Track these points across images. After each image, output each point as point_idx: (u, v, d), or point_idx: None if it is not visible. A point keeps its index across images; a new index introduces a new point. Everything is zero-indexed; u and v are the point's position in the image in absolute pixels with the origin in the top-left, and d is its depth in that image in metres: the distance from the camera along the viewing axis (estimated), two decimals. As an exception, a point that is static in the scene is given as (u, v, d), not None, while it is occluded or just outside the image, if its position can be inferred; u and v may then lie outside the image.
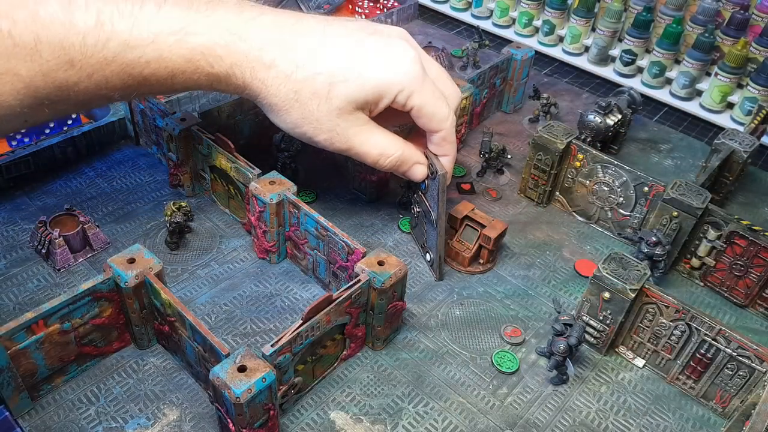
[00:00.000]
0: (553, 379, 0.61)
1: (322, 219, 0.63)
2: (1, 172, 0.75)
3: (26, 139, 0.85)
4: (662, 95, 1.11)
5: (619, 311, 0.60)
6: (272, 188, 0.65)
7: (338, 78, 0.57)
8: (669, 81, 1.12)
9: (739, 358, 0.56)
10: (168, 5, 0.53)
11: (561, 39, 1.23)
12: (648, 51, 1.13)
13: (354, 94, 0.58)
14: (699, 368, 0.59)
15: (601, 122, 0.82)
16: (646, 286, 0.59)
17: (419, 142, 0.68)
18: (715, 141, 0.80)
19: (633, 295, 0.58)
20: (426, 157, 0.67)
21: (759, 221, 0.81)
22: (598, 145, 0.84)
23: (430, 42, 1.13)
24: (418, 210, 0.71)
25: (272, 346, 0.50)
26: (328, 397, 0.58)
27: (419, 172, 0.67)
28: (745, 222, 0.66)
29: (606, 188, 0.77)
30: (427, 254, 0.71)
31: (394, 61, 0.59)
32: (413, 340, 0.64)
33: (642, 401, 0.60)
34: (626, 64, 1.13)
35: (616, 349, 0.65)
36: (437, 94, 0.62)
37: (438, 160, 0.66)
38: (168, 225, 0.69)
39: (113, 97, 0.53)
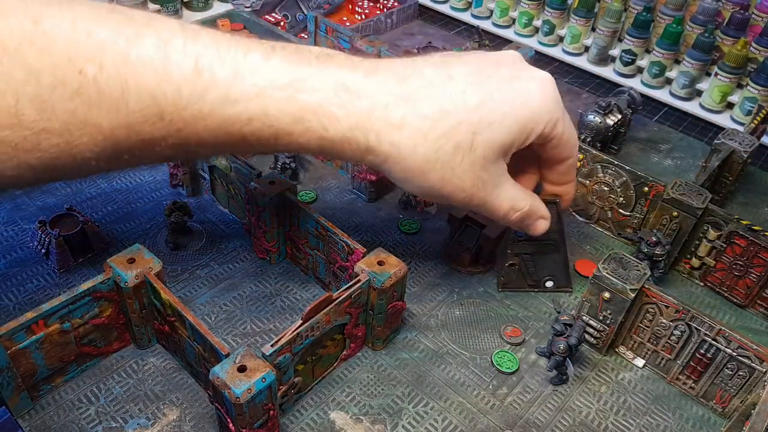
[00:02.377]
0: (553, 379, 0.61)
1: (322, 219, 0.63)
2: (1, 172, 0.75)
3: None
4: (662, 95, 1.11)
5: (619, 311, 0.60)
6: (272, 188, 0.65)
7: (482, 124, 0.49)
8: (669, 81, 1.12)
9: (739, 358, 0.56)
10: (277, 56, 0.45)
11: (561, 39, 1.23)
12: (648, 51, 1.13)
13: (500, 137, 0.50)
14: (699, 368, 0.59)
15: (601, 122, 0.82)
16: (646, 286, 0.59)
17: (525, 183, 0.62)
18: (715, 141, 0.80)
19: (633, 295, 0.58)
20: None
21: (759, 221, 0.81)
22: (598, 145, 0.84)
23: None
24: (519, 257, 0.68)
25: (272, 346, 0.50)
26: (328, 397, 0.58)
27: (542, 227, 0.60)
28: (745, 222, 0.66)
29: (606, 188, 0.77)
30: (548, 282, 0.69)
31: (536, 94, 0.52)
32: (413, 340, 0.64)
33: (642, 401, 0.60)
34: (626, 64, 1.13)
35: (616, 349, 0.65)
36: (570, 120, 0.56)
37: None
38: (168, 225, 0.69)
39: (201, 154, 0.47)
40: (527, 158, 0.60)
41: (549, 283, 0.69)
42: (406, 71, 0.49)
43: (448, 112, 0.48)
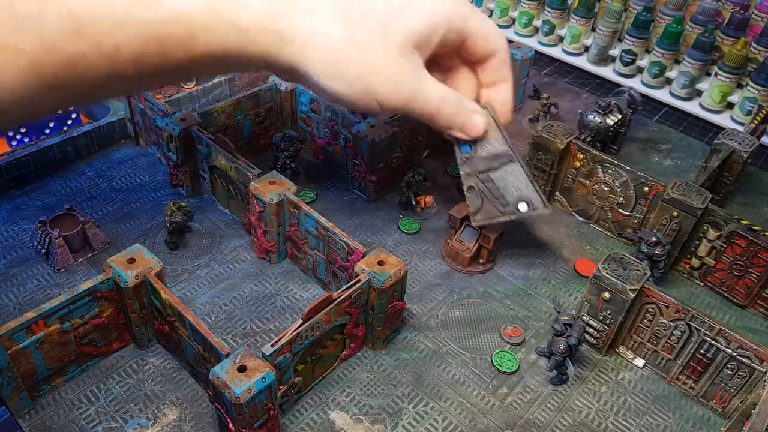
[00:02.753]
0: (553, 379, 0.61)
1: (322, 219, 0.63)
2: (1, 172, 0.75)
3: (26, 139, 0.85)
4: (662, 95, 1.11)
5: (619, 311, 0.60)
6: (272, 188, 0.65)
7: (393, 11, 0.51)
8: (669, 81, 1.12)
9: (739, 358, 0.56)
10: None
11: (561, 39, 1.23)
12: (648, 51, 1.13)
13: (411, 25, 0.51)
14: (699, 368, 0.59)
15: (601, 122, 0.82)
16: (646, 286, 0.59)
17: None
18: (715, 141, 0.80)
19: (633, 295, 0.58)
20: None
21: (759, 221, 0.81)
22: (598, 145, 0.84)
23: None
24: (474, 177, 0.63)
25: (272, 346, 0.50)
26: (328, 397, 0.58)
27: (479, 122, 0.59)
28: (745, 222, 0.66)
29: (606, 188, 0.77)
30: (521, 204, 0.63)
31: None
32: (413, 340, 0.64)
33: (642, 401, 0.60)
34: (626, 64, 1.13)
35: (616, 349, 0.65)
36: (486, 16, 0.58)
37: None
38: (168, 225, 0.69)
39: (126, 73, 0.46)
40: (460, 74, 0.60)
41: (522, 207, 0.62)
42: None
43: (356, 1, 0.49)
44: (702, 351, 0.58)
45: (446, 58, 0.60)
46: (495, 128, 0.60)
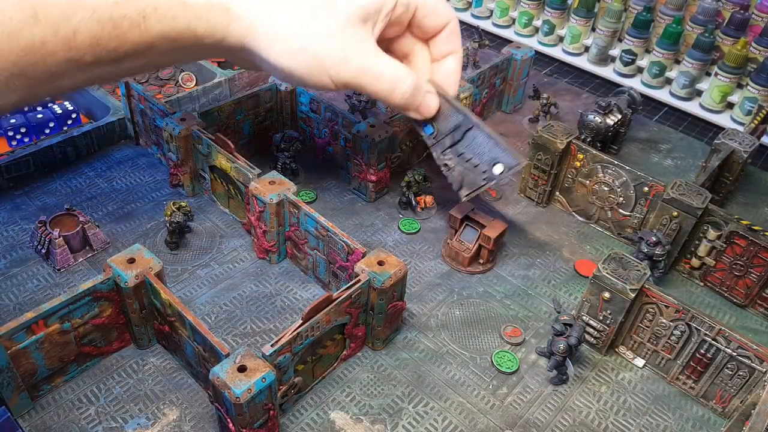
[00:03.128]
0: (553, 379, 0.61)
1: (322, 219, 0.63)
2: (1, 172, 0.75)
3: (26, 139, 0.85)
4: (662, 95, 1.11)
5: (619, 311, 0.60)
6: (272, 188, 0.65)
7: None
8: (669, 81, 1.12)
9: (739, 358, 0.56)
10: None
11: (561, 39, 1.23)
12: (648, 51, 1.13)
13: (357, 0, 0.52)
14: (699, 368, 0.59)
15: (601, 122, 0.82)
16: (646, 286, 0.59)
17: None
18: (715, 141, 0.80)
19: (633, 295, 0.58)
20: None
21: (759, 221, 0.81)
22: (598, 145, 0.84)
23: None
24: (445, 154, 0.62)
25: (272, 346, 0.50)
26: (328, 397, 0.58)
27: (433, 102, 0.59)
28: (745, 222, 0.66)
29: (606, 188, 0.77)
30: (495, 167, 0.61)
31: None
32: (413, 340, 0.64)
33: (642, 401, 0.60)
34: (626, 64, 1.13)
35: (616, 349, 0.65)
36: None
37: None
38: (168, 225, 0.69)
39: (84, 59, 0.47)
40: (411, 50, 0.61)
41: (497, 168, 0.60)
42: None
43: None
44: (702, 351, 0.58)
45: (401, 41, 0.60)
46: (445, 102, 0.60)
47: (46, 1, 0.44)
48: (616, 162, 0.75)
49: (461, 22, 1.31)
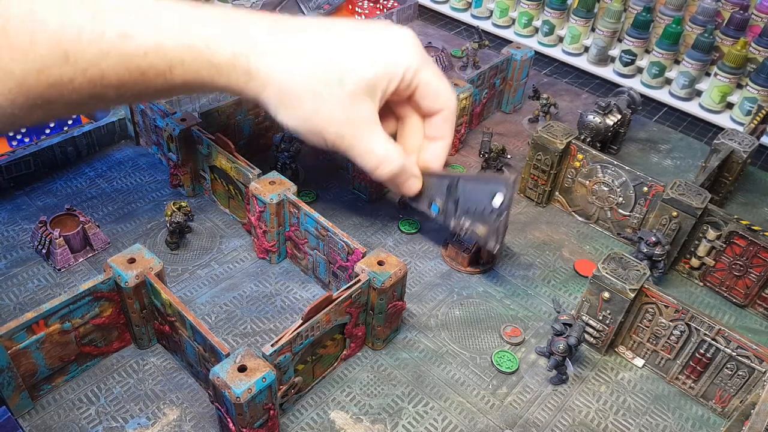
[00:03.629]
0: (552, 378, 0.61)
1: (322, 219, 0.63)
2: (2, 172, 0.75)
3: (27, 139, 0.85)
4: (662, 95, 1.11)
5: (619, 311, 0.60)
6: (272, 188, 0.65)
7: (350, 62, 0.55)
8: (668, 81, 1.12)
9: (739, 357, 0.56)
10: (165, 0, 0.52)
11: (561, 39, 1.23)
12: (647, 51, 1.13)
13: (365, 74, 0.56)
14: (698, 368, 0.59)
15: (600, 122, 0.82)
16: (646, 286, 0.59)
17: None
18: (715, 141, 0.80)
19: (632, 295, 0.58)
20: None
21: (759, 221, 0.81)
22: (598, 145, 0.84)
23: (430, 42, 1.13)
24: (457, 219, 0.66)
25: (272, 345, 0.50)
26: (328, 396, 0.58)
27: (415, 185, 0.64)
28: (744, 222, 0.66)
29: (605, 188, 0.77)
30: (495, 199, 0.63)
31: (397, 42, 0.58)
32: (413, 340, 0.64)
33: (641, 401, 0.61)
34: (626, 64, 1.14)
35: (616, 349, 0.65)
36: (440, 73, 0.61)
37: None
38: (168, 225, 0.69)
39: (108, 96, 0.51)
40: (410, 123, 0.65)
41: (497, 199, 0.63)
42: (289, 19, 0.56)
43: (320, 48, 0.55)
44: (701, 351, 0.58)
45: (399, 106, 0.64)
46: (428, 177, 0.64)
47: (79, 44, 0.47)
48: (615, 162, 0.75)
49: (461, 23, 1.32)
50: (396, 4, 1.26)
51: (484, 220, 0.63)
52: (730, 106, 1.06)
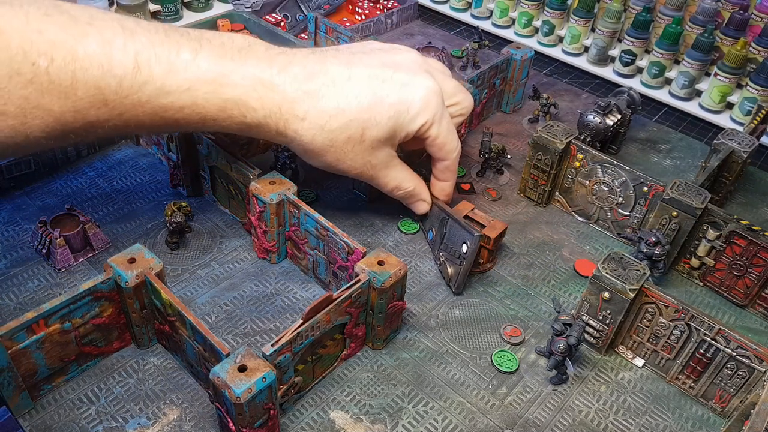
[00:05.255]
0: (552, 378, 0.61)
1: (322, 219, 0.63)
2: (2, 172, 0.75)
3: (26, 140, 0.85)
4: (662, 95, 1.11)
5: (619, 311, 0.60)
6: (272, 188, 0.65)
7: (370, 123, 0.61)
8: (668, 81, 1.12)
9: (739, 357, 0.56)
10: (204, 52, 0.53)
11: (560, 39, 1.23)
12: (647, 51, 1.13)
13: (384, 133, 0.62)
14: (698, 368, 0.59)
15: (600, 122, 0.82)
16: (646, 286, 0.59)
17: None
18: (715, 141, 0.80)
19: (632, 295, 0.58)
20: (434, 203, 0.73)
21: (759, 221, 0.82)
22: (598, 145, 0.84)
23: (429, 42, 1.13)
24: (441, 252, 0.71)
25: (272, 345, 0.50)
26: (328, 396, 0.58)
27: (422, 207, 0.73)
28: (744, 222, 0.66)
29: (605, 188, 0.77)
30: (463, 246, 0.67)
31: (419, 96, 0.62)
32: (413, 340, 0.64)
33: (641, 401, 0.61)
34: (626, 64, 1.14)
35: (616, 349, 0.65)
36: (451, 128, 0.67)
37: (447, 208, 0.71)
38: (168, 225, 0.69)
39: (137, 132, 0.55)
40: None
41: (464, 247, 0.67)
42: (314, 68, 0.60)
43: (343, 111, 0.59)
44: (701, 351, 0.58)
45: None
46: (435, 205, 0.73)
47: (118, 93, 0.49)
48: (615, 162, 0.75)
49: (461, 23, 1.32)
50: (396, 4, 1.26)
51: (452, 261, 0.69)
52: (730, 106, 1.06)
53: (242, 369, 0.47)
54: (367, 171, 0.65)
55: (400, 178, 0.69)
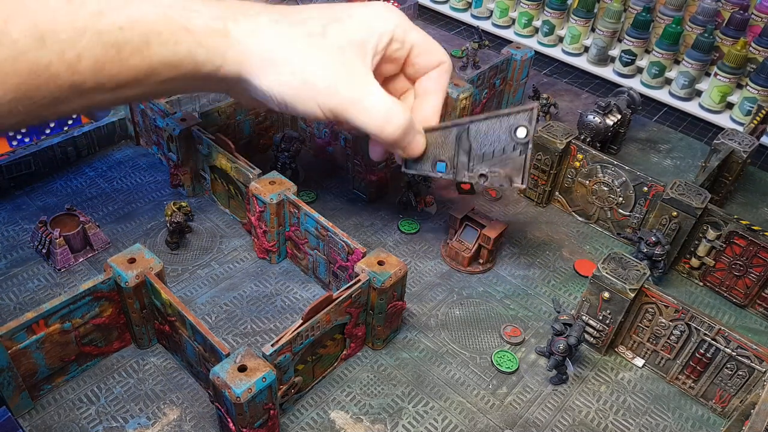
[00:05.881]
0: (552, 378, 0.61)
1: (322, 219, 0.63)
2: (2, 172, 0.75)
3: (27, 139, 0.85)
4: (662, 95, 1.11)
5: (619, 311, 0.60)
6: (272, 188, 0.65)
7: (330, 18, 0.54)
8: (668, 81, 1.12)
9: (739, 357, 0.56)
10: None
11: (560, 39, 1.23)
12: (647, 51, 1.13)
13: (350, 31, 0.54)
14: (698, 368, 0.59)
15: (600, 122, 0.82)
16: (646, 286, 0.59)
17: None
18: (715, 141, 0.80)
19: (632, 295, 0.58)
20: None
21: (759, 221, 0.82)
22: (598, 145, 0.84)
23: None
24: (471, 168, 0.62)
25: (272, 345, 0.50)
26: (328, 396, 0.58)
27: (422, 143, 0.60)
28: (744, 222, 0.66)
29: (605, 188, 0.77)
30: (518, 132, 0.59)
31: (383, 8, 0.57)
32: (413, 340, 0.64)
33: (641, 401, 0.61)
34: (626, 64, 1.14)
35: (616, 349, 0.65)
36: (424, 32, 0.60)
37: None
38: (168, 225, 0.69)
39: (86, 84, 0.48)
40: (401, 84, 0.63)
41: (521, 132, 0.59)
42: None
43: (299, 12, 0.54)
44: (701, 351, 0.58)
45: (395, 82, 0.62)
46: (431, 133, 0.61)
47: (54, 26, 0.45)
48: (615, 162, 0.75)
49: (461, 23, 1.32)
50: (396, 4, 1.26)
51: (506, 159, 0.59)
52: (730, 106, 1.06)
53: (242, 369, 0.47)
54: (341, 81, 0.53)
55: (390, 101, 0.55)
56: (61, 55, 0.46)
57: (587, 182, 0.78)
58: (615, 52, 1.16)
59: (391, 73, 0.61)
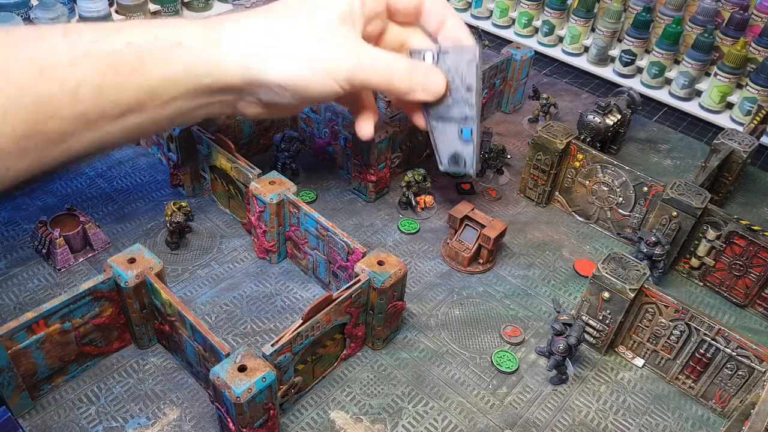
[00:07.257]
0: (552, 378, 0.61)
1: (322, 219, 0.63)
2: (2, 172, 0.75)
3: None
4: (662, 95, 1.11)
5: (619, 311, 0.60)
6: (272, 188, 0.65)
7: (310, 2, 0.54)
8: (668, 81, 1.12)
9: (739, 357, 0.56)
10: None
11: (560, 39, 1.23)
12: (647, 51, 1.13)
13: (333, 5, 0.53)
14: (698, 368, 0.59)
15: (600, 122, 0.82)
16: (646, 286, 0.59)
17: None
18: (715, 141, 0.80)
19: (632, 295, 0.58)
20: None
21: (759, 221, 0.81)
22: (598, 145, 0.84)
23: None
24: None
25: (272, 345, 0.50)
26: (328, 396, 0.58)
27: (438, 77, 0.58)
28: (744, 222, 0.66)
29: (605, 188, 0.77)
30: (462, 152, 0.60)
31: None
32: (413, 340, 0.64)
33: (641, 401, 0.61)
34: (626, 64, 1.14)
35: (616, 349, 0.65)
36: None
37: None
38: (168, 225, 0.69)
39: (90, 115, 0.49)
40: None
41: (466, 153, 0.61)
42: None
43: (278, 5, 0.54)
44: (701, 351, 0.58)
45: (390, 34, 0.61)
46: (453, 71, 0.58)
47: (51, 57, 0.47)
48: (615, 162, 0.75)
49: (461, 23, 1.31)
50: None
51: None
52: (730, 106, 1.06)
53: (242, 369, 0.47)
54: (345, 53, 0.54)
55: (388, 56, 0.56)
56: (62, 85, 0.47)
57: (587, 182, 0.78)
58: (615, 52, 1.16)
59: (382, 28, 0.60)
